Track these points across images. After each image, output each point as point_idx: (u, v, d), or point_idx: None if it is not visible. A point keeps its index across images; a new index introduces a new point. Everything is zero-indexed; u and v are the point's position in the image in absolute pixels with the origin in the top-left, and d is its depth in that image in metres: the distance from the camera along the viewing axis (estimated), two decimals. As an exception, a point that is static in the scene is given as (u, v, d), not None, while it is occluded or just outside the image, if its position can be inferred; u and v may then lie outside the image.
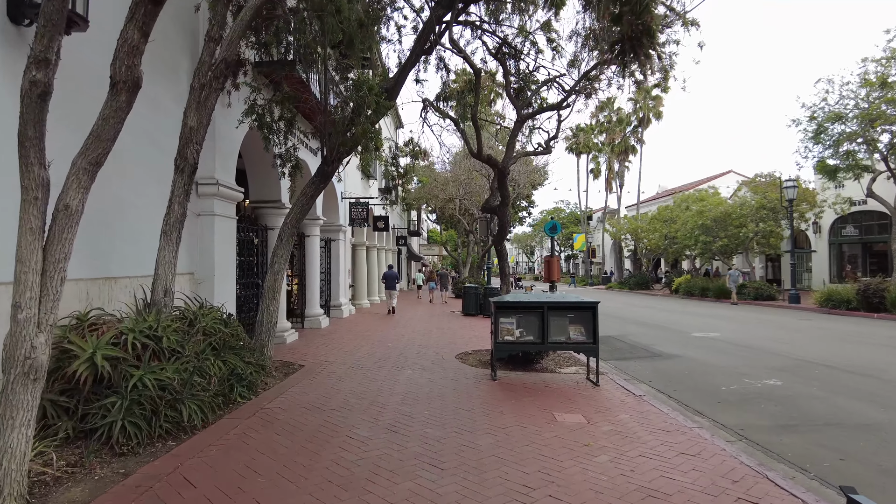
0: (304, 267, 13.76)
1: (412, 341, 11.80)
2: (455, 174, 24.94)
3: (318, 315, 13.89)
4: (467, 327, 14.77)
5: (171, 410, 4.68)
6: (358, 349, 10.54)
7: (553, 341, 7.80)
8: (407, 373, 8.20)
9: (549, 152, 9.89)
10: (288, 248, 7.66)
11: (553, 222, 10.76)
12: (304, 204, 7.63)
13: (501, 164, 8.33)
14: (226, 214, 8.25)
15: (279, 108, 7.73)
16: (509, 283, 9.30)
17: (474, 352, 10.45)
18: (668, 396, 7.64)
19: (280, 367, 8.23)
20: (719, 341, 12.63)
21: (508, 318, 7.80)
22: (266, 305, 7.50)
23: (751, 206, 29.38)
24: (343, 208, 17.02)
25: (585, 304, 7.86)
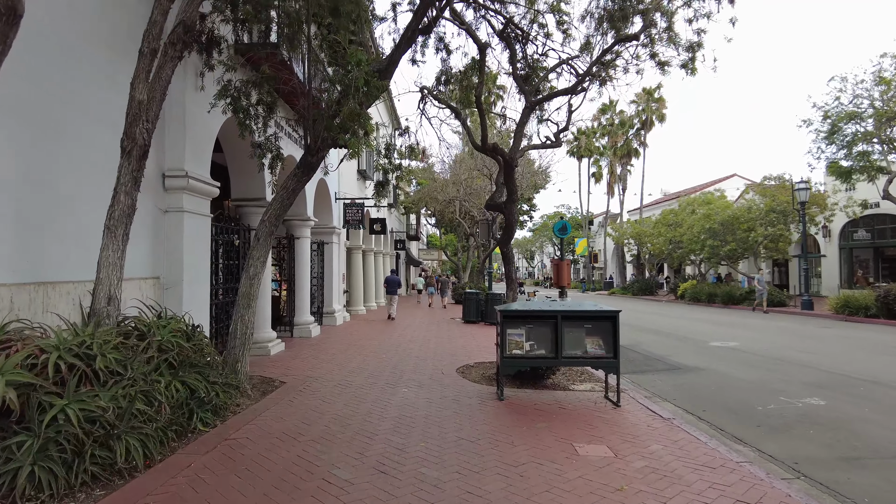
0: (294, 271, 12.82)
1: (409, 352, 10.85)
2: (455, 173, 24.03)
3: (309, 323, 12.94)
4: (468, 336, 13.83)
5: (103, 449, 3.73)
6: (349, 361, 9.59)
7: (568, 356, 6.86)
8: (401, 391, 7.25)
9: (558, 145, 8.98)
10: (266, 249, 6.73)
11: (563, 222, 9.85)
12: (284, 199, 6.71)
13: (508, 154, 7.43)
14: (198, 211, 7.32)
15: (257, 90, 6.82)
16: (516, 290, 8.37)
17: (477, 364, 9.51)
18: (699, 418, 6.70)
19: (258, 385, 7.28)
20: (740, 352, 11.69)
21: (517, 329, 6.86)
22: (240, 315, 6.56)
23: (759, 210, 28.50)
24: (337, 209, 16.11)
25: (604, 312, 6.93)
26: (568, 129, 8.97)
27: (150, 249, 6.67)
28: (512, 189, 7.65)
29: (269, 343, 10.08)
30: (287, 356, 10.01)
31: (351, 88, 5.86)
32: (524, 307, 6.88)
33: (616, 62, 8.41)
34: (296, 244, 12.86)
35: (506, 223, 8.00)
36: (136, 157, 4.45)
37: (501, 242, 8.25)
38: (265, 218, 6.73)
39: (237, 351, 6.55)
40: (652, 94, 45.34)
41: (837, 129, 22.48)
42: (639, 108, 46.84)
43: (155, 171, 6.77)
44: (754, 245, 29.15)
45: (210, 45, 6.61)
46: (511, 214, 7.83)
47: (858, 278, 30.66)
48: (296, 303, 12.85)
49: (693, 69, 7.02)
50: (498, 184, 8.13)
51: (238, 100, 6.65)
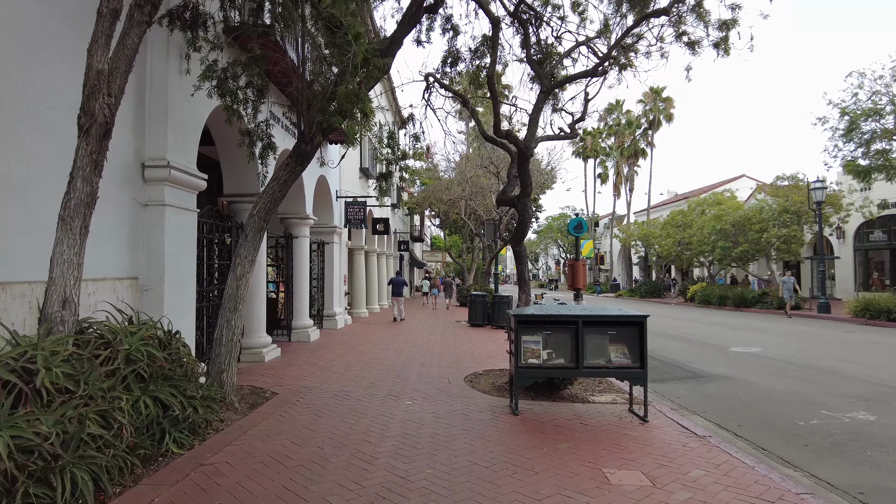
0: (292, 272, 12.17)
1: (413, 358, 10.17)
2: (461, 171, 23.33)
3: (307, 327, 12.28)
4: (475, 340, 13.15)
5: (41, 486, 3.07)
6: (349, 369, 8.92)
7: (590, 366, 6.18)
8: (405, 403, 6.57)
9: (574, 136, 8.32)
10: (254, 247, 6.07)
11: (578, 219, 9.17)
12: (275, 191, 6.06)
13: (523, 142, 6.76)
14: (182, 206, 6.67)
15: (246, 71, 6.17)
16: (529, 292, 7.69)
17: (486, 372, 8.82)
18: (735, 435, 6.01)
19: (247, 397, 6.62)
20: (766, 358, 10.97)
21: (533, 336, 6.18)
22: (226, 319, 5.90)
23: (772, 210, 27.73)
24: (338, 208, 15.46)
25: (630, 317, 6.24)
26: (584, 119, 8.30)
27: (128, 247, 6.02)
28: (526, 182, 6.98)
29: (263, 349, 9.42)
30: (282, 363, 9.35)
31: (349, 66, 5.20)
32: (541, 311, 6.20)
33: (637, 46, 7.72)
34: (294, 244, 12.21)
35: (519, 219, 7.33)
36: (95, 137, 3.81)
37: (513, 240, 7.57)
38: (254, 212, 6.07)
39: (222, 359, 5.89)
40: (659, 93, 44.66)
41: (855, 127, 21.73)
42: (646, 108, 46.19)
43: (133, 160, 6.13)
44: (766, 246, 28.38)
45: (195, 22, 5.96)
46: (525, 210, 7.16)
47: (874, 281, 29.86)
48: (294, 305, 12.20)
49: (727, 49, 6.33)
50: (510, 176, 7.47)
51: (225, 81, 6.00)
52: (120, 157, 5.87)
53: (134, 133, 6.13)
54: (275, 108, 8.92)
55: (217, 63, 6.05)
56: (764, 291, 27.36)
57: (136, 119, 6.17)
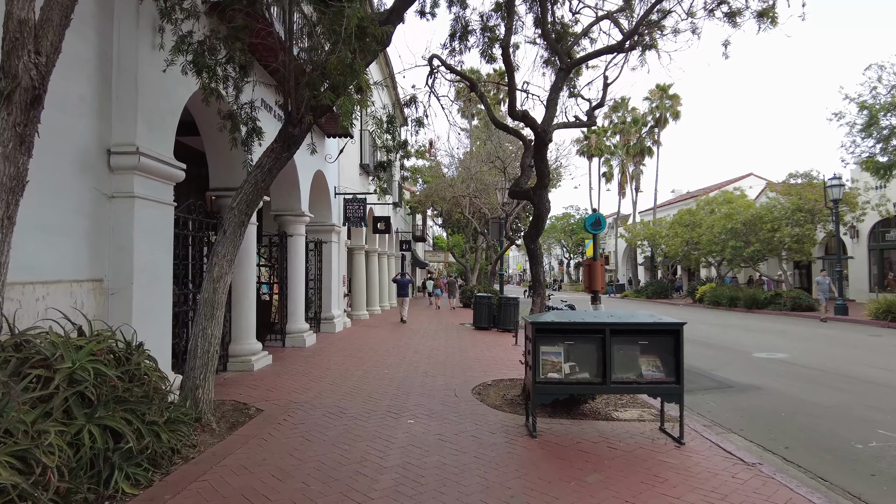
0: (286, 272, 11.41)
1: (415, 366, 9.40)
2: (465, 167, 22.52)
3: (303, 331, 11.51)
4: (481, 345, 12.37)
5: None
6: (345, 379, 8.15)
7: (618, 381, 5.40)
8: (407, 423, 5.80)
9: (593, 124, 7.55)
10: (234, 244, 5.31)
11: (596, 215, 8.38)
12: (258, 180, 5.30)
13: (541, 125, 5.98)
14: (155, 198, 5.91)
15: (226, 45, 5.40)
16: (544, 296, 6.92)
17: (495, 383, 8.05)
18: (785, 461, 5.24)
19: (228, 415, 5.85)
20: (795, 366, 10.18)
21: (553, 347, 5.40)
22: (201, 328, 5.14)
23: (785, 209, 26.90)
24: (337, 205, 14.69)
25: (664, 325, 5.46)
26: (603, 105, 7.53)
27: (90, 244, 5.26)
28: (543, 171, 6.21)
29: (252, 357, 8.66)
30: (273, 372, 8.58)
31: (342, 33, 4.43)
32: (563, 318, 5.43)
33: (664, 22, 6.94)
34: (289, 242, 11.45)
35: (535, 214, 6.55)
36: (20, 105, 3.04)
37: (528, 238, 6.80)
38: (234, 205, 5.31)
39: (197, 374, 5.13)
40: (666, 90, 43.89)
41: (875, 121, 20.90)
42: (652, 105, 45.39)
43: (97, 146, 5.37)
44: (779, 246, 27.58)
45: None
46: (542, 203, 6.38)
47: (889, 281, 29.00)
48: (288, 308, 11.43)
49: (773, 18, 5.55)
50: (524, 167, 6.71)
51: (201, 56, 5.23)
52: (79, 141, 5.12)
53: (98, 115, 5.37)
54: (262, 93, 8.17)
55: (192, 34, 5.29)
56: (776, 292, 26.53)
57: (100, 100, 5.41)
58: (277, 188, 11.33)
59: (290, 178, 11.16)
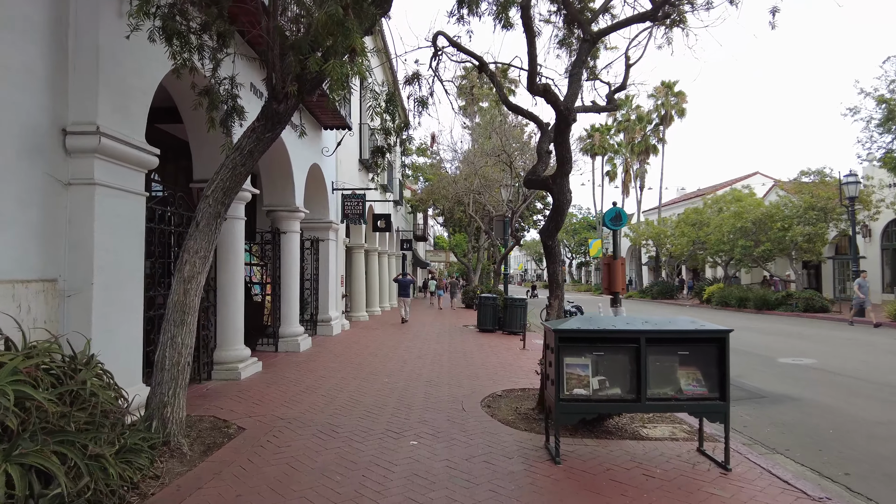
0: (280, 272, 10.66)
1: (418, 373, 8.66)
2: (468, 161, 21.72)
3: (297, 335, 10.76)
4: (487, 349, 11.63)
5: None
6: (340, 389, 7.40)
7: (655, 397, 4.65)
8: (409, 444, 5.05)
9: (615, 108, 6.81)
10: (208, 239, 4.56)
11: (616, 209, 7.64)
12: (237, 165, 4.56)
13: (563, 102, 5.23)
14: (122, 186, 5.17)
15: (200, 8, 4.66)
16: (562, 298, 6.17)
17: (506, 393, 7.31)
18: (850, 491, 4.49)
19: (205, 434, 5.11)
20: (825, 372, 9.43)
21: (580, 359, 4.65)
22: (169, 336, 4.40)
23: (797, 207, 26.12)
24: (334, 202, 13.95)
25: (708, 333, 4.71)
26: (625, 87, 6.77)
27: (41, 239, 4.52)
28: (565, 155, 5.46)
29: (239, 364, 7.91)
30: (262, 381, 7.83)
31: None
32: (591, 326, 4.67)
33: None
34: (282, 240, 10.70)
35: (553, 206, 5.80)
36: None
37: (546, 233, 6.04)
38: (208, 193, 4.56)
39: (165, 389, 4.38)
40: (672, 87, 43.14)
41: (893, 116, 20.15)
42: (657, 103, 44.62)
43: (49, 124, 4.62)
44: (790, 246, 26.82)
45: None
46: (562, 193, 5.63)
47: (904, 282, 28.24)
48: (282, 310, 10.69)
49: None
50: (541, 152, 5.96)
51: (171, 20, 4.49)
52: (26, 117, 4.37)
53: (50, 89, 4.62)
54: (246, 74, 7.42)
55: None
56: (788, 293, 25.76)
57: (54, 71, 4.66)
58: (270, 181, 10.60)
59: (283, 171, 10.42)
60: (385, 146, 5.60)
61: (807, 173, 27.01)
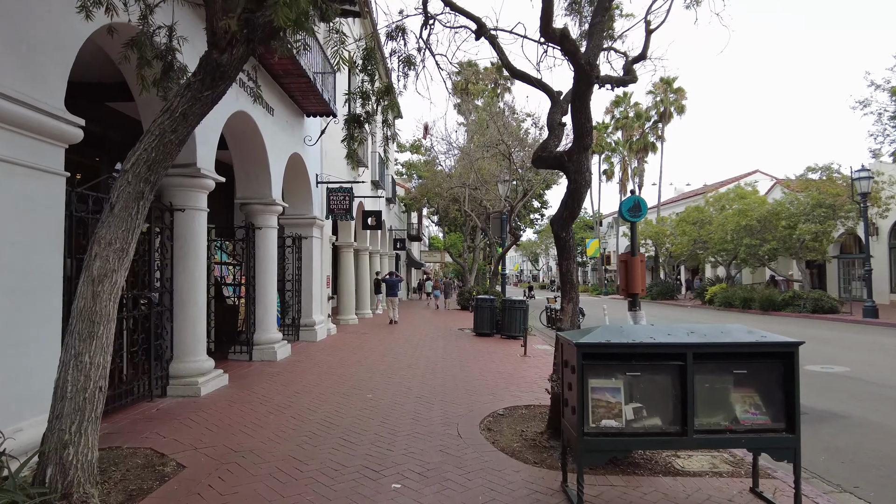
0: (254, 272, 9.58)
1: (407, 387, 7.60)
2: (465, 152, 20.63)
3: (273, 342, 9.69)
4: (485, 355, 10.59)
5: None
6: (315, 409, 6.34)
7: (704, 429, 3.63)
8: (390, 489, 3.99)
9: (634, 80, 5.78)
10: (127, 226, 3.48)
11: (634, 198, 6.62)
12: (165, 131, 3.50)
13: (584, 54, 4.18)
14: (25, 161, 4.10)
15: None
16: (577, 302, 5.14)
17: (508, 412, 6.27)
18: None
19: (131, 474, 4.04)
20: (868, 383, 8.42)
21: (610, 381, 3.62)
22: (73, 354, 3.33)
23: (804, 204, 25.20)
24: (319, 196, 12.88)
25: (771, 345, 3.69)
26: (645, 57, 5.76)
27: None
28: (585, 125, 4.40)
29: (200, 378, 6.83)
30: (225, 398, 6.75)
31: None
32: (623, 338, 3.63)
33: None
34: (257, 236, 9.63)
35: (569, 189, 4.75)
36: None
37: (558, 222, 5.00)
38: (127, 167, 3.49)
39: (65, 424, 3.32)
40: (671, 83, 42.24)
41: (908, 107, 19.27)
42: (656, 100, 43.80)
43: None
44: (796, 244, 25.92)
45: None
46: (580, 173, 4.59)
47: (913, 282, 27.42)
48: (257, 314, 9.61)
49: None
50: (553, 125, 4.94)
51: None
52: None
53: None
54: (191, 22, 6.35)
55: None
56: (795, 293, 24.85)
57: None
58: (242, 170, 9.53)
59: (257, 159, 9.35)
60: (363, 114, 4.56)
61: (814, 169, 26.10)
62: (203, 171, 6.88)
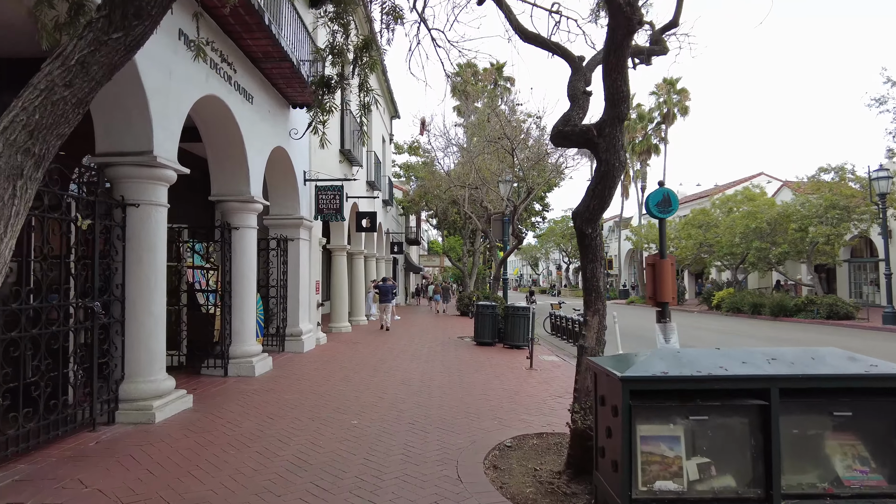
0: (230, 276, 8.60)
1: (399, 410, 6.61)
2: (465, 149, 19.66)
3: (252, 356, 8.69)
4: (487, 369, 9.59)
5: None
6: (287, 440, 5.34)
7: (795, 493, 2.65)
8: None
9: (664, 52, 4.85)
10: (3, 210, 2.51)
11: (663, 191, 5.65)
12: (54, 84, 2.52)
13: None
14: None
15: None
16: (604, 315, 4.16)
17: (517, 442, 5.29)
18: None
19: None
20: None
21: (665, 427, 2.64)
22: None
23: (816, 206, 24.24)
24: (307, 195, 11.91)
25: (884, 378, 2.71)
26: (677, 25, 4.82)
27: None
28: (622, 89, 3.40)
29: (155, 401, 5.83)
30: (183, 426, 5.75)
31: None
32: (685, 370, 2.65)
33: None
34: (234, 237, 8.65)
35: (598, 171, 3.74)
36: None
37: (583, 216, 4.03)
38: (0, 131, 2.52)
39: None
40: (674, 84, 41.36)
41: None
42: (659, 101, 42.92)
43: None
44: (808, 247, 24.98)
45: None
46: (613, 150, 3.58)
47: (928, 286, 26.43)
48: (233, 325, 8.62)
49: None
50: (575, 94, 3.97)
51: None
52: None
53: None
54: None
55: None
56: (810, 298, 23.89)
57: None
58: (217, 163, 8.56)
59: (233, 150, 8.38)
60: (334, 77, 3.59)
61: (826, 170, 25.15)
62: (161, 159, 5.89)
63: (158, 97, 5.92)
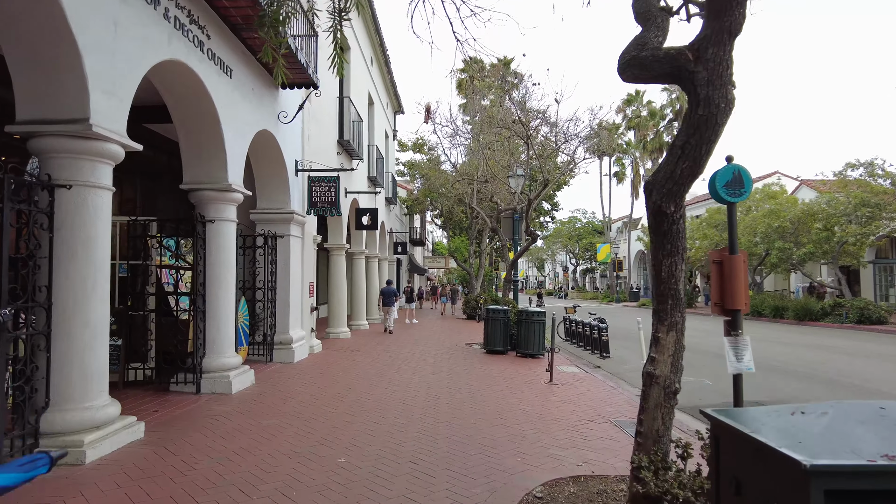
0: (203, 277, 7.38)
1: (398, 441, 5.37)
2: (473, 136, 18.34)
3: (229, 370, 7.48)
4: (501, 383, 8.35)
5: None
6: (250, 491, 4.11)
7: None
8: None
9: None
10: None
11: (734, 168, 4.42)
12: None
13: None
14: None
15: None
16: (682, 329, 2.90)
17: (549, 491, 4.05)
18: None
19: None
20: None
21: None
22: None
23: (845, 204, 22.85)
24: (298, 187, 10.69)
25: None
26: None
27: None
28: None
29: (88, 435, 4.61)
30: (121, 466, 4.53)
31: None
32: None
33: None
34: (209, 232, 7.44)
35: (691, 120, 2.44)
36: None
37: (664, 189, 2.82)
38: None
39: None
40: (686, 79, 40.02)
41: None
42: (671, 97, 41.70)
43: None
44: (835, 247, 23.61)
45: None
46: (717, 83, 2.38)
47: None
48: (207, 333, 7.41)
49: None
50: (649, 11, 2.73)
51: None
52: None
53: None
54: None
55: None
56: (837, 301, 22.53)
57: None
58: (189, 146, 7.36)
59: (206, 130, 7.18)
60: None
61: (854, 165, 23.75)
62: (99, 129, 4.68)
63: (97, 54, 4.71)
